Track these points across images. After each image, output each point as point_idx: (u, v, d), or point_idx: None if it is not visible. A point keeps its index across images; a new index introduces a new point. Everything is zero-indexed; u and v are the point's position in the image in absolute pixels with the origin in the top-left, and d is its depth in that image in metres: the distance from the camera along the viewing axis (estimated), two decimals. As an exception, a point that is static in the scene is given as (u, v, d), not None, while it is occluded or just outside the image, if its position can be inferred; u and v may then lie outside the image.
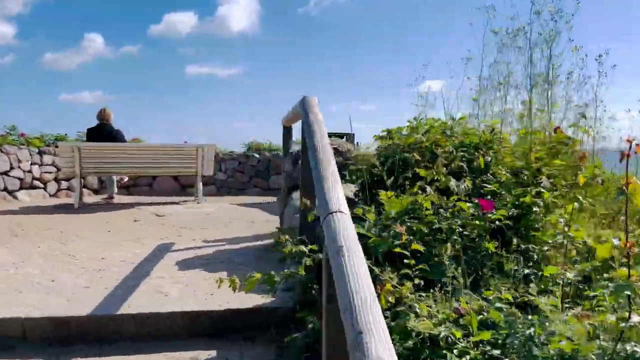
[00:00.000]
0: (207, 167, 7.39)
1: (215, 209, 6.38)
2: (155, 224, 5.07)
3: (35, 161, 7.59)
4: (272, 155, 9.28)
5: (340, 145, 3.53)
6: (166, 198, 8.12)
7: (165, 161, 7.14)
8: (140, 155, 6.98)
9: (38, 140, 8.05)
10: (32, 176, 7.48)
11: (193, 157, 7.22)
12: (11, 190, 7.15)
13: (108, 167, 6.92)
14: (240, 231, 4.53)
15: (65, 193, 7.97)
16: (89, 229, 4.73)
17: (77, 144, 6.66)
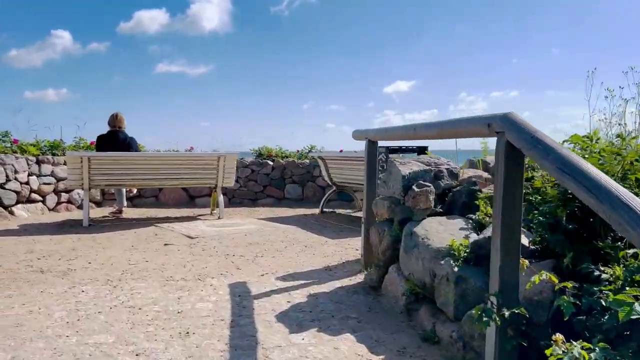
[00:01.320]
0: (228, 177, 6.76)
1: (248, 226, 5.76)
2: (194, 250, 4.43)
3: (33, 172, 6.79)
4: (287, 163, 8.68)
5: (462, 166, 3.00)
6: (177, 211, 7.44)
7: (183, 172, 6.47)
8: (156, 166, 6.29)
9: (34, 147, 7.24)
10: (29, 189, 6.68)
11: (213, 167, 6.57)
12: (7, 205, 6.35)
13: (120, 178, 6.21)
14: (303, 260, 3.95)
15: (65, 206, 7.19)
16: (123, 260, 4.06)
17: (86, 154, 5.93)
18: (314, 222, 6.17)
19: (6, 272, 3.58)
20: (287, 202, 8.47)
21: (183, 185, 6.87)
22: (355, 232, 5.36)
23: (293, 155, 9.24)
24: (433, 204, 2.71)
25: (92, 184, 6.07)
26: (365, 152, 3.44)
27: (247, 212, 7.40)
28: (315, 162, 8.59)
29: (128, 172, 6.18)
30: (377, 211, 3.08)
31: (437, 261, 2.27)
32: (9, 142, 7.13)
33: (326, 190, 8.49)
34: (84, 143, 8.09)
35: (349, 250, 4.33)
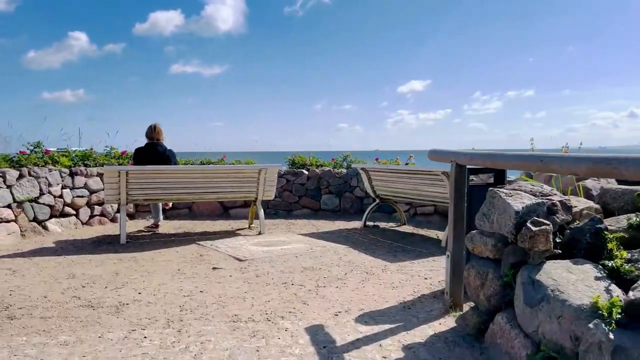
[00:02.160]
0: (268, 191, 6.44)
1: (295, 245, 5.43)
2: (247, 276, 4.11)
3: (66, 184, 6.54)
4: (322, 172, 8.34)
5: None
6: (212, 223, 7.15)
7: (222, 185, 6.16)
8: (196, 179, 6.00)
9: (66, 158, 7.00)
10: (63, 202, 6.43)
11: (254, 179, 6.26)
12: (41, 220, 6.10)
13: (158, 192, 5.92)
14: (372, 292, 3.60)
15: (99, 220, 6.93)
16: (175, 289, 3.76)
17: (124, 168, 5.64)
18: (362, 240, 5.82)
19: (54, 306, 3.29)
20: (323, 213, 8.14)
21: (222, 199, 6.57)
22: (411, 254, 5.00)
23: (328, 164, 8.91)
24: (552, 244, 2.34)
25: (129, 198, 5.80)
26: (452, 177, 3.07)
27: (285, 225, 7.08)
28: (353, 172, 8.25)
29: (167, 186, 5.89)
30: (474, 247, 2.72)
31: (581, 323, 1.90)
32: (41, 152, 6.90)
33: (364, 201, 8.14)
34: (115, 152, 7.85)
35: (417, 280, 3.97)
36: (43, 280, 4.04)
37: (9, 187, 5.77)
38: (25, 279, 4.06)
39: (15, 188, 5.82)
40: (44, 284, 3.91)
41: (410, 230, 6.62)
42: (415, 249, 5.28)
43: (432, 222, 7.14)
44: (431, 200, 5.99)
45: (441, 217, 7.17)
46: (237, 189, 6.27)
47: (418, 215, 7.49)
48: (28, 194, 5.95)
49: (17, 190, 5.83)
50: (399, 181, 6.25)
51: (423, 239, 5.90)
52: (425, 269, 4.34)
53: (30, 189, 5.99)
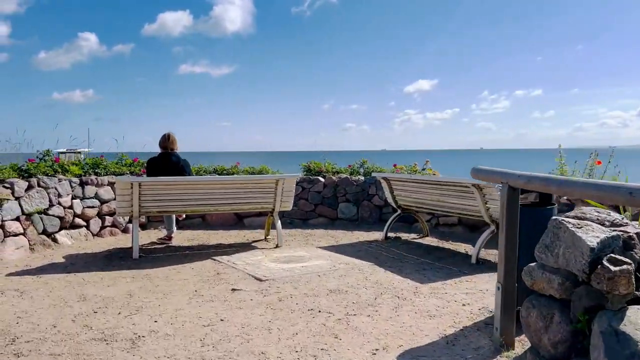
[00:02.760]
0: (286, 201, 6.16)
1: (317, 262, 5.14)
2: (270, 300, 3.83)
3: (77, 194, 6.30)
4: (339, 180, 8.05)
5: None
6: (226, 234, 6.89)
7: (239, 196, 5.89)
8: (211, 190, 5.73)
9: (76, 167, 6.77)
10: (73, 213, 6.19)
11: (271, 190, 5.98)
12: (50, 233, 5.87)
13: (172, 204, 5.66)
14: (408, 323, 3.30)
15: (110, 231, 6.69)
16: (194, 317, 3.49)
17: (137, 179, 5.39)
18: (385, 255, 5.52)
19: (65, 339, 3.03)
20: (340, 222, 7.84)
21: (238, 210, 6.30)
22: (441, 272, 4.69)
23: (344, 170, 8.61)
24: (634, 286, 2.03)
25: (142, 210, 5.55)
26: (503, 201, 2.77)
27: (302, 236, 6.80)
28: (371, 179, 7.95)
29: (181, 197, 5.63)
30: (534, 283, 2.41)
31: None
32: (51, 161, 6.67)
33: (383, 210, 7.84)
34: (127, 160, 7.62)
35: (454, 306, 3.66)
36: (52, 303, 3.79)
37: (18, 199, 5.54)
38: (34, 302, 3.81)
39: (24, 200, 5.59)
40: (53, 309, 3.66)
41: (435, 242, 6.31)
42: (444, 266, 4.97)
43: (456, 234, 6.82)
44: (459, 213, 5.68)
45: (465, 229, 6.85)
46: (254, 200, 6.00)
47: (441, 225, 7.18)
48: (37, 206, 5.71)
49: (25, 202, 5.59)
50: (423, 191, 5.95)
51: (450, 254, 5.59)
52: (460, 292, 4.04)
53: (40, 200, 5.76)
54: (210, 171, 8.30)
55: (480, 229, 6.67)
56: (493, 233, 5.18)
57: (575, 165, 7.18)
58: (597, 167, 6.97)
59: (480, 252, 5.14)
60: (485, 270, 4.83)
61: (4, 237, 5.25)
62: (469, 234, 6.78)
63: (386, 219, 7.73)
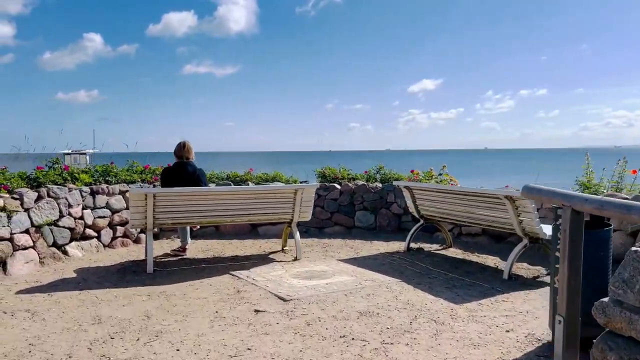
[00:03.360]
0: (305, 212, 5.92)
1: (340, 279, 4.89)
2: (297, 324, 3.58)
3: (87, 204, 6.08)
4: (356, 187, 7.79)
5: None
6: (241, 244, 6.66)
7: (256, 207, 5.66)
8: (228, 201, 5.50)
9: (86, 174, 6.54)
10: (84, 224, 5.97)
11: (289, 200, 5.75)
12: (61, 245, 5.65)
13: (188, 216, 5.43)
14: (452, 354, 3.06)
15: (121, 241, 6.46)
16: (218, 345, 3.25)
17: (152, 190, 5.16)
18: (411, 269, 5.27)
19: (82, 373, 2.79)
20: (358, 231, 7.59)
21: (256, 221, 6.06)
22: (473, 290, 4.44)
23: (360, 177, 8.36)
24: None
25: (156, 222, 5.32)
26: (566, 226, 2.51)
27: (319, 247, 6.55)
28: (389, 186, 7.69)
29: (197, 208, 5.40)
30: (609, 322, 2.16)
31: None
32: (60, 169, 6.45)
33: (402, 218, 7.59)
34: (138, 167, 7.39)
35: (498, 333, 3.41)
36: (66, 326, 3.56)
37: (27, 211, 5.31)
38: (46, 326, 3.58)
39: (34, 211, 5.37)
40: (67, 333, 3.43)
41: (460, 254, 6.05)
42: (475, 283, 4.71)
43: (481, 245, 6.56)
44: (488, 225, 5.42)
45: (490, 239, 6.59)
46: (272, 210, 5.76)
47: (464, 235, 6.92)
48: (47, 217, 5.49)
49: (35, 213, 5.37)
50: (449, 202, 5.69)
51: (479, 268, 5.33)
52: (500, 314, 3.78)
53: (50, 211, 5.54)
54: (223, 177, 8.07)
55: (506, 239, 6.42)
56: (526, 247, 4.93)
57: (602, 172, 6.90)
58: (628, 174, 6.69)
59: (512, 267, 4.88)
60: (519, 287, 4.58)
61: (13, 251, 5.02)
62: (494, 244, 6.52)
63: (406, 228, 7.50)
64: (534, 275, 5.02)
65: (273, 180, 8.19)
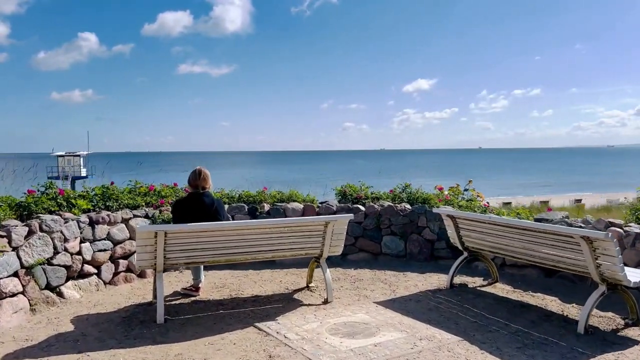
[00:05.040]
0: (336, 245, 5.19)
1: (389, 336, 4.15)
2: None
3: (86, 236, 5.30)
4: (383, 209, 7.06)
5: None
6: (258, 276, 5.94)
7: (282, 241, 4.91)
8: (249, 236, 4.75)
9: (84, 200, 5.76)
10: (82, 260, 5.20)
11: (319, 233, 5.01)
12: (55, 286, 4.87)
13: (203, 254, 4.67)
14: None
15: (124, 277, 5.69)
16: None
17: (162, 227, 4.39)
18: (463, 316, 4.55)
19: None
20: (385, 259, 6.87)
21: (280, 257, 5.28)
22: (550, 351, 3.70)
23: (385, 196, 7.62)
24: None
25: (168, 263, 4.56)
26: None
27: (348, 281, 5.83)
28: (420, 208, 6.97)
29: (214, 245, 4.64)
30: None
31: None
32: (54, 194, 5.67)
33: (435, 245, 6.86)
34: (141, 188, 6.61)
35: None
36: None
37: (16, 250, 4.54)
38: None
39: (24, 250, 4.59)
40: None
41: (511, 293, 5.33)
42: (547, 339, 3.99)
43: (529, 278, 5.85)
44: (553, 265, 4.70)
45: (539, 272, 5.87)
46: (299, 245, 5.01)
47: (508, 266, 6.20)
48: (39, 255, 4.72)
49: (25, 252, 4.59)
50: (503, 235, 4.97)
51: (543, 316, 4.61)
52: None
53: (42, 248, 4.76)
54: (234, 198, 7.31)
55: (558, 274, 5.71)
56: (603, 295, 4.21)
57: None
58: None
59: (588, 319, 4.16)
60: (602, 345, 3.87)
61: (-2, 299, 4.25)
62: (544, 279, 5.82)
63: (439, 256, 6.79)
64: (613, 327, 4.30)
65: (289, 200, 7.45)
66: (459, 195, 8.05)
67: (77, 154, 45.15)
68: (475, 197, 8.54)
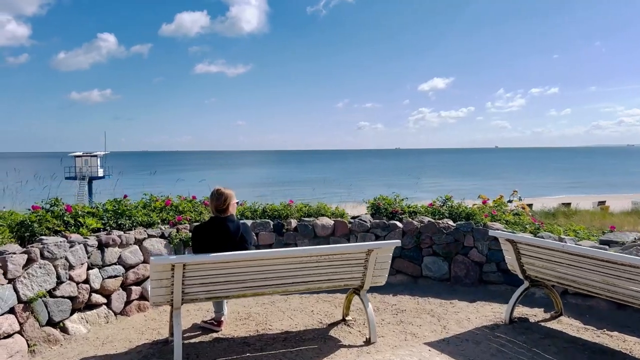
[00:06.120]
0: (379, 275, 4.48)
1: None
2: None
3: (94, 262, 4.68)
4: (422, 226, 6.33)
5: None
6: (286, 304, 5.27)
7: (317, 272, 4.22)
8: (281, 267, 4.07)
9: (93, 218, 5.15)
10: (89, 289, 4.58)
11: (360, 262, 4.31)
12: (58, 321, 4.25)
13: (227, 288, 4.01)
14: None
15: (137, 306, 5.06)
16: None
17: (181, 259, 3.73)
18: (537, 366, 3.80)
19: None
20: (427, 282, 6.14)
21: (315, 289, 4.58)
22: None
23: (423, 210, 6.89)
24: None
25: (186, 298, 3.90)
26: None
27: (389, 312, 5.13)
28: (466, 226, 6.22)
29: (240, 278, 3.97)
30: None
31: None
32: (60, 211, 5.06)
33: (484, 267, 6.11)
34: (156, 203, 5.98)
35: None
36: None
37: (12, 282, 3.93)
38: None
39: (21, 281, 3.98)
40: None
41: (582, 330, 4.57)
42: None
43: (598, 311, 5.08)
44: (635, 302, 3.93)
45: (609, 304, 5.09)
46: (337, 275, 4.32)
47: (570, 295, 5.42)
48: (40, 287, 4.10)
49: (23, 284, 3.98)
50: (577, 266, 4.21)
51: (631, 366, 3.84)
52: None
53: (44, 278, 4.14)
54: (258, 211, 6.65)
55: (633, 307, 4.92)
56: None
57: None
58: None
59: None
60: None
61: (-10, 343, 3.64)
62: (615, 311, 5.04)
63: (489, 280, 6.04)
64: None
65: (317, 214, 6.77)
66: (504, 207, 7.30)
67: (94, 154, 45.09)
68: (520, 210, 7.75)
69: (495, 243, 5.98)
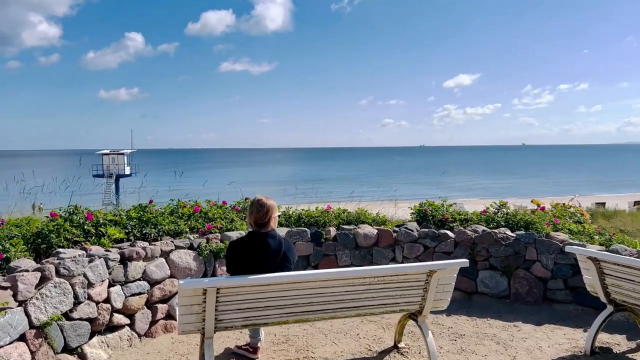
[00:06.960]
0: (442, 299, 3.85)
1: None
2: None
3: (116, 278, 4.18)
4: (477, 236, 5.65)
5: None
6: (328, 326, 4.66)
7: (369, 295, 3.62)
8: (328, 290, 3.48)
9: (116, 228, 4.67)
10: (110, 309, 4.07)
11: (420, 284, 3.68)
12: (75, 348, 3.76)
13: (267, 314, 3.44)
14: None
15: (164, 326, 4.55)
16: None
17: (213, 284, 3.17)
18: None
19: None
20: (483, 300, 5.48)
21: (368, 315, 3.96)
22: None
23: (476, 217, 6.21)
24: None
25: (220, 325, 3.35)
26: None
27: (446, 337, 4.51)
28: (528, 237, 5.52)
29: (281, 303, 3.40)
30: None
31: None
32: (80, 219, 4.59)
33: (549, 284, 5.40)
34: (185, 209, 5.47)
35: None
36: None
37: (23, 304, 3.44)
38: None
39: (34, 303, 3.49)
40: None
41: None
42: None
43: (696, 341, 4.33)
44: None
45: None
46: (392, 299, 3.71)
47: (657, 320, 4.67)
48: (55, 309, 3.61)
49: (36, 306, 3.50)
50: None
51: None
52: None
53: (59, 298, 3.65)
54: (292, 217, 6.09)
55: None
56: None
57: None
58: None
59: None
60: None
61: (-3, 376, 3.16)
62: None
63: (555, 299, 5.34)
64: None
65: (357, 221, 6.18)
66: (567, 215, 6.56)
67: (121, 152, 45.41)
68: (580, 216, 6.99)
69: (562, 256, 5.28)
